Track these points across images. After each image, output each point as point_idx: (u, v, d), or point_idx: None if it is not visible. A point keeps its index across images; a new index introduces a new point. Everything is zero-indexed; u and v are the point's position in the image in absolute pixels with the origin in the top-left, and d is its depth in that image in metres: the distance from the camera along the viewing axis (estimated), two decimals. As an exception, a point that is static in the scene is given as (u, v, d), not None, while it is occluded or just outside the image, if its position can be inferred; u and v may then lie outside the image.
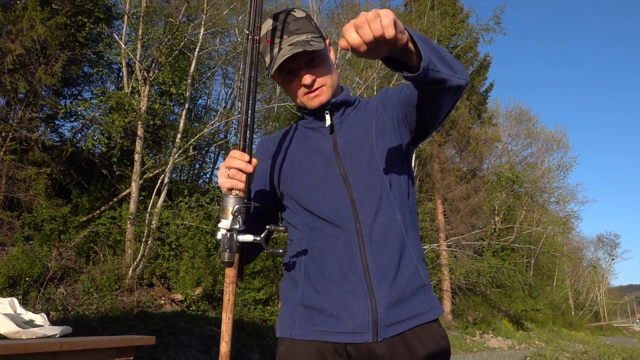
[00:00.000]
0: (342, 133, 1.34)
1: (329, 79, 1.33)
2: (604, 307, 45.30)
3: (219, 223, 1.14)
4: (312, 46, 1.24)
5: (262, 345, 7.75)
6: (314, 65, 1.29)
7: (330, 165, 1.29)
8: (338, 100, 1.35)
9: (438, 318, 1.28)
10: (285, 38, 1.26)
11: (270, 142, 1.44)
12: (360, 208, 1.23)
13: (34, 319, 2.83)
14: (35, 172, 8.04)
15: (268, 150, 1.41)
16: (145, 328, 6.60)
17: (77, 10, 9.16)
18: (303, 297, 1.24)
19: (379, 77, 13.53)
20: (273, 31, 1.28)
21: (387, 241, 1.22)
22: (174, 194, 10.17)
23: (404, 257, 1.24)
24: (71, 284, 7.37)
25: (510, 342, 16.31)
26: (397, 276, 1.21)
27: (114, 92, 9.55)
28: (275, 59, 1.26)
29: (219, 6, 10.69)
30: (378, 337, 1.16)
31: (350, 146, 1.31)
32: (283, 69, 1.28)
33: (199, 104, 15.55)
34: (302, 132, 1.40)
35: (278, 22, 1.28)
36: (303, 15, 1.31)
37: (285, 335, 1.26)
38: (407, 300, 1.21)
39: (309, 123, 1.39)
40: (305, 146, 1.36)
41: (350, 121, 1.36)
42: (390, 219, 1.24)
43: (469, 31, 17.19)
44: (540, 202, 28.88)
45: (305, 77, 1.28)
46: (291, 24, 1.28)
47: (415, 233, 1.31)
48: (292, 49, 1.23)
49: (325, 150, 1.32)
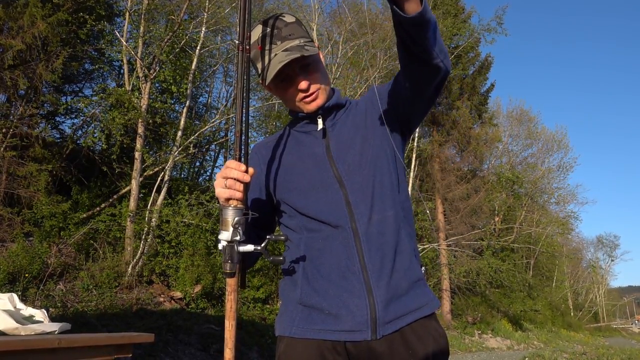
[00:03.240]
0: (334, 136, 1.35)
1: (323, 81, 1.33)
2: (603, 308, 45.35)
3: (220, 235, 1.14)
4: (308, 51, 1.23)
5: (261, 343, 7.76)
6: (309, 70, 1.29)
7: (324, 168, 1.30)
8: (330, 105, 1.35)
9: (435, 315, 1.29)
10: (279, 44, 1.25)
11: (263, 148, 1.43)
12: (356, 208, 1.24)
13: (34, 315, 2.82)
14: (35, 168, 8.04)
15: (262, 156, 1.41)
16: (144, 325, 6.60)
17: (78, 7, 9.15)
18: (302, 297, 1.24)
19: (380, 76, 13.51)
20: (264, 37, 1.27)
21: (382, 238, 1.23)
22: (174, 192, 10.17)
23: (398, 252, 1.25)
24: (70, 281, 7.37)
25: (509, 343, 16.32)
26: (392, 272, 1.22)
27: (114, 90, 9.54)
28: (269, 66, 1.25)
29: (220, 4, 10.68)
30: (377, 334, 1.17)
31: (342, 148, 1.32)
32: (279, 76, 1.26)
33: (199, 102, 15.56)
34: (294, 137, 1.40)
35: (269, 27, 1.27)
36: (293, 20, 1.31)
37: (284, 334, 1.26)
38: (403, 295, 1.22)
39: (302, 127, 1.39)
40: (299, 151, 1.36)
41: (341, 124, 1.37)
42: (383, 217, 1.25)
43: (471, 31, 17.17)
44: (540, 202, 28.89)
45: (302, 82, 1.28)
46: (283, 29, 1.27)
47: (409, 228, 1.32)
48: (289, 54, 1.22)
49: (318, 154, 1.32)
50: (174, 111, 12.14)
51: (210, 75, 14.05)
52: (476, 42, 17.81)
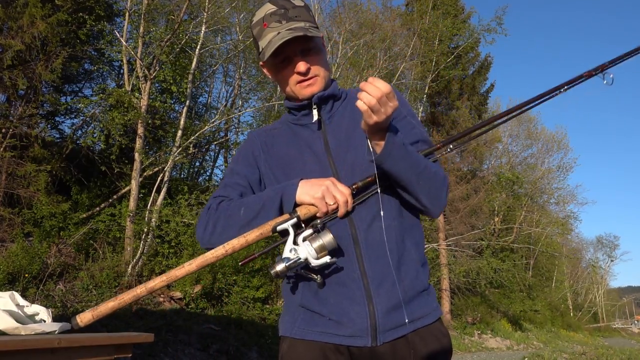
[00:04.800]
0: (331, 129, 1.31)
1: (323, 70, 1.30)
2: (602, 308, 45.33)
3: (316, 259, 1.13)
4: (312, 32, 1.21)
5: (261, 343, 7.75)
6: (309, 54, 1.26)
7: (323, 166, 1.27)
8: (325, 94, 1.30)
9: (440, 317, 1.28)
10: (284, 23, 1.23)
11: (263, 134, 1.40)
12: (355, 214, 1.21)
13: (39, 312, 2.83)
14: (35, 168, 8.03)
15: (262, 143, 1.38)
16: (144, 325, 6.59)
17: (78, 7, 9.15)
18: (302, 301, 1.23)
19: (380, 77, 13.51)
20: (270, 15, 1.25)
21: (383, 246, 1.19)
22: (174, 192, 10.17)
23: (402, 263, 1.22)
24: (70, 281, 7.37)
25: (508, 343, 16.32)
26: (396, 281, 1.19)
27: (114, 90, 9.54)
28: (270, 43, 1.22)
29: (220, 4, 10.67)
30: (377, 341, 1.16)
31: (343, 146, 1.28)
32: (279, 55, 1.24)
33: (199, 102, 15.54)
34: (291, 129, 1.36)
35: (276, 7, 1.25)
36: (302, 5, 1.28)
37: (286, 334, 1.26)
38: (407, 305, 1.19)
39: (298, 120, 1.35)
40: (297, 144, 1.32)
41: (339, 116, 1.33)
42: (386, 225, 1.20)
43: (471, 32, 17.19)
44: (540, 203, 28.89)
45: (300, 64, 1.25)
46: (290, 10, 1.25)
47: (417, 237, 1.28)
48: (292, 32, 1.20)
49: (317, 149, 1.29)
50: (174, 111, 12.15)
51: (210, 75, 14.05)
52: (476, 42, 17.83)
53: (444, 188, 1.24)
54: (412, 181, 1.17)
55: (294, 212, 1.17)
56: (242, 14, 12.14)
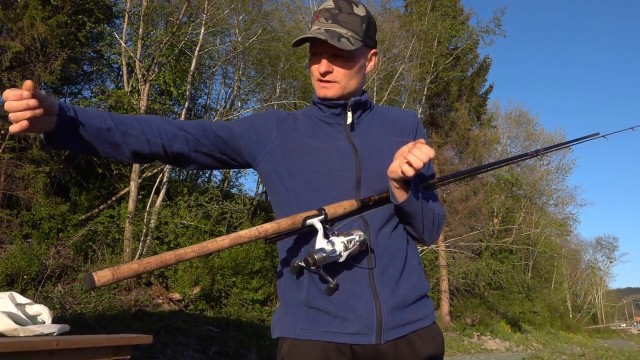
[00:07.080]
0: (358, 135, 1.33)
1: (346, 79, 1.29)
2: (601, 309, 45.39)
3: (346, 253, 1.14)
4: (340, 43, 1.22)
5: (260, 345, 7.75)
6: (338, 59, 1.28)
7: (348, 165, 1.27)
8: (361, 100, 1.34)
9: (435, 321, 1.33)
10: (329, 22, 1.26)
11: (283, 116, 1.38)
12: (368, 215, 1.25)
13: (42, 312, 2.83)
14: (33, 170, 8.02)
15: (282, 123, 1.35)
16: (143, 327, 6.59)
17: (77, 9, 9.16)
18: (308, 298, 1.23)
19: (379, 77, 13.55)
20: (325, 11, 1.28)
21: (391, 249, 1.25)
22: (173, 193, 10.16)
23: (407, 265, 1.27)
24: (69, 282, 7.36)
25: (507, 344, 16.32)
26: (399, 282, 1.24)
27: (113, 91, 9.54)
28: (305, 34, 1.26)
29: (219, 6, 10.69)
30: (381, 339, 1.18)
31: (369, 152, 1.30)
32: (312, 47, 1.29)
33: (198, 104, 15.54)
34: (314, 123, 1.36)
35: (334, 5, 1.28)
36: (360, 14, 1.29)
37: (287, 335, 1.24)
38: (409, 306, 1.24)
39: (325, 117, 1.35)
40: (320, 137, 1.32)
41: (366, 125, 1.36)
42: (395, 230, 1.29)
43: (470, 33, 17.20)
44: (539, 204, 28.89)
45: (321, 65, 1.27)
46: (342, 14, 1.27)
47: (414, 246, 1.35)
48: (320, 34, 1.23)
49: (343, 148, 1.30)
50: (173, 112, 12.15)
51: (209, 76, 14.06)
52: (475, 43, 17.85)
53: (442, 227, 1.36)
54: (419, 222, 1.28)
55: (322, 209, 1.20)
56: (242, 16, 12.16)
